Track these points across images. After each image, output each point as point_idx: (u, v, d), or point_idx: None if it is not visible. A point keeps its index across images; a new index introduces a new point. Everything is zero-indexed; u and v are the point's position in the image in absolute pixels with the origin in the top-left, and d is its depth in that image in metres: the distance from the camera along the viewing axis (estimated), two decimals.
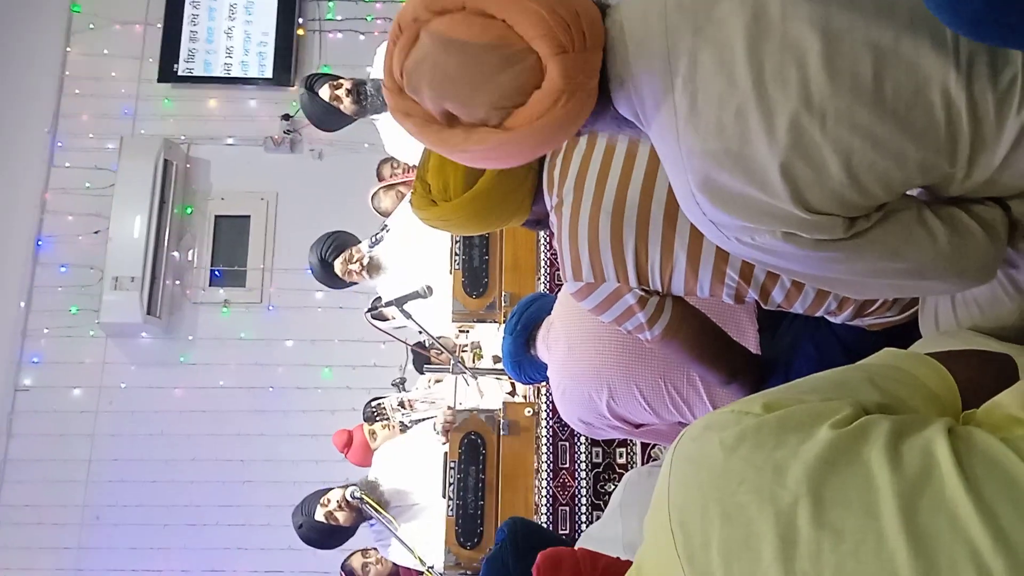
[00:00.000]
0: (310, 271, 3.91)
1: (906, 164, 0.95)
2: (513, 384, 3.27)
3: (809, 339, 1.61)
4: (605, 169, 1.47)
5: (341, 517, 3.14)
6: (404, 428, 3.75)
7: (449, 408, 3.18)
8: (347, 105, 3.86)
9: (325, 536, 3.23)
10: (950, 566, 0.69)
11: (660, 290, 1.49)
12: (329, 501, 3.16)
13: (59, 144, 5.69)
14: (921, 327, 1.34)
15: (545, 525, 2.82)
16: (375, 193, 4.08)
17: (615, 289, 1.49)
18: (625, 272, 1.46)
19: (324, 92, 3.88)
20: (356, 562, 3.57)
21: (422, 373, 3.80)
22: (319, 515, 3.18)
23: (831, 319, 1.53)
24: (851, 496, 0.75)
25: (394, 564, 3.53)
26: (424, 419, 3.58)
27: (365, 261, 3.66)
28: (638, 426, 2.04)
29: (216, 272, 5.63)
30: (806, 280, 1.15)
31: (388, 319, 3.73)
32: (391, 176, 4.27)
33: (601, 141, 1.49)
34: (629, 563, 0.95)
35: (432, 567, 2.70)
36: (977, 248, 1.04)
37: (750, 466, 0.80)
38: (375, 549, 3.50)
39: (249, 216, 5.69)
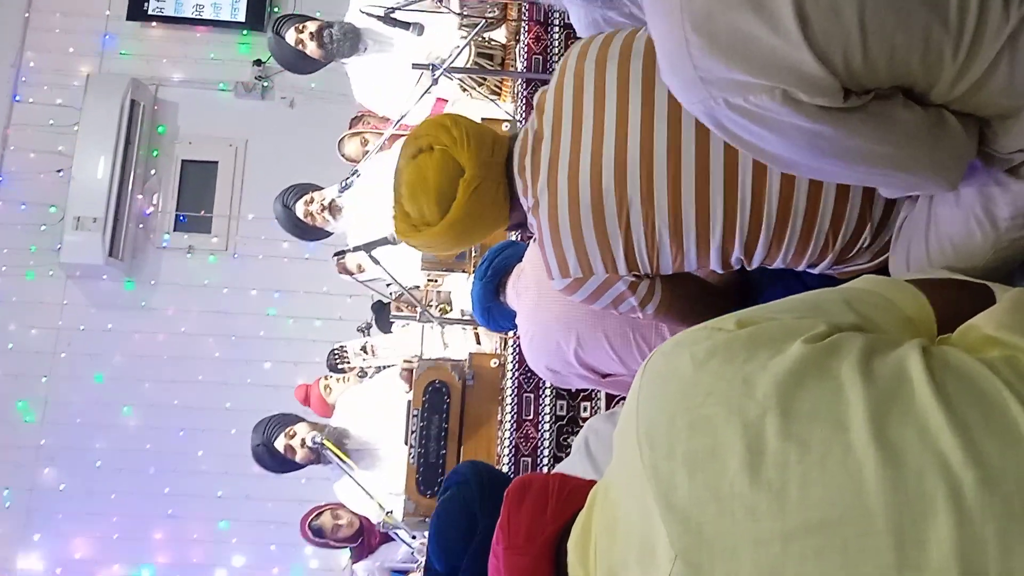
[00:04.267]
0: (277, 222, 3.86)
1: (914, 32, 0.94)
2: (478, 336, 3.26)
3: (778, 282, 1.61)
4: (575, 162, 1.44)
5: (299, 456, 3.13)
6: (363, 374, 3.72)
7: (406, 361, 3.15)
8: (312, 48, 3.78)
9: (277, 463, 3.24)
10: (918, 476, 0.68)
11: (650, 272, 1.48)
12: (294, 434, 3.15)
13: (23, 79, 5.56)
14: (892, 271, 1.34)
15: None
16: (341, 139, 4.05)
17: (605, 280, 1.48)
18: (613, 261, 1.45)
19: (290, 36, 3.80)
20: (326, 523, 3.56)
21: (386, 332, 3.76)
22: (279, 443, 3.16)
23: (809, 271, 1.53)
24: (820, 408, 0.74)
25: (360, 521, 3.52)
26: (385, 366, 3.56)
27: (326, 202, 3.61)
28: (605, 376, 2.04)
29: (181, 217, 5.54)
30: (780, 165, 1.11)
31: (353, 272, 3.69)
32: (362, 125, 4.22)
33: (566, 135, 1.45)
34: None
35: (391, 512, 2.70)
36: (954, 141, 1.04)
37: (719, 379, 0.78)
38: (343, 507, 3.49)
39: (217, 162, 5.59)
